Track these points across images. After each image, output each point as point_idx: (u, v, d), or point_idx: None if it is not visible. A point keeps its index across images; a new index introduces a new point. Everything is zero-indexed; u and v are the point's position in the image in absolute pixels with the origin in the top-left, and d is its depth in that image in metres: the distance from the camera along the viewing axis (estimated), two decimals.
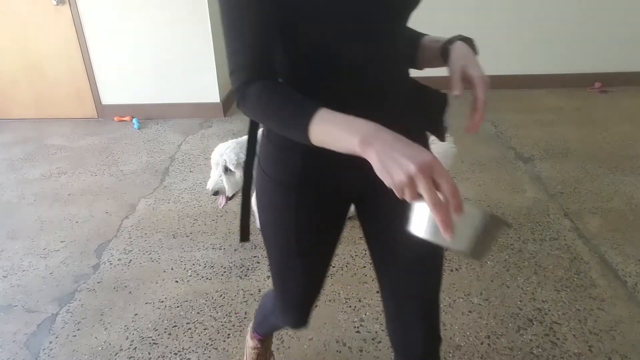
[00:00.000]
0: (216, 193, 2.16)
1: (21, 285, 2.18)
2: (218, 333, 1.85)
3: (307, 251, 1.06)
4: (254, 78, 0.82)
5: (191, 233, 2.52)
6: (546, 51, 4.55)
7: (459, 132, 3.94)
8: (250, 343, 1.59)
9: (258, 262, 2.26)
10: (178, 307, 2.00)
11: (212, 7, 3.94)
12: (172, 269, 2.24)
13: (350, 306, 1.96)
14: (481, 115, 0.90)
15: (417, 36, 1.05)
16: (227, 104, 4.37)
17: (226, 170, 2.12)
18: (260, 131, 1.06)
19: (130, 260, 2.32)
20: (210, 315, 1.94)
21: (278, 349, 1.77)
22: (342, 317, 1.91)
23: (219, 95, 4.16)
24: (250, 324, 1.60)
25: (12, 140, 3.89)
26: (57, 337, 1.87)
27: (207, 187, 2.17)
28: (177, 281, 2.16)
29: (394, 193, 0.67)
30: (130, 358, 1.76)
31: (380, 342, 1.78)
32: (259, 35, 0.80)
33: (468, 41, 0.96)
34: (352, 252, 2.30)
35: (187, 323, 1.91)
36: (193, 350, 1.78)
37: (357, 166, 0.77)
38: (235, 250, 2.36)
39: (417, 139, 0.69)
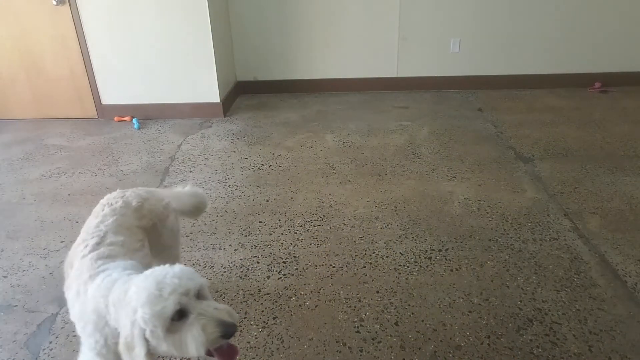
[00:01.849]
0: None
1: (21, 285, 2.18)
2: None
3: None
4: None
5: (191, 233, 2.51)
6: (546, 51, 4.55)
7: (458, 132, 3.95)
8: None
9: (258, 262, 2.26)
10: None
11: (212, 8, 3.94)
12: None
13: (350, 306, 1.96)
14: None
15: None
16: (227, 104, 4.37)
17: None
18: None
19: None
20: None
21: (278, 349, 1.77)
22: (342, 317, 1.91)
23: (219, 95, 4.16)
24: None
25: (12, 140, 3.89)
26: (57, 337, 1.87)
27: None
28: None
29: None
30: None
31: (380, 342, 1.78)
32: None
33: None
34: (352, 252, 2.30)
35: None
36: None
37: None
38: (235, 250, 2.36)
39: None
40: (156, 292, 1.09)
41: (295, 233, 2.48)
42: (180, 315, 1.11)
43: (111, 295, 1.19)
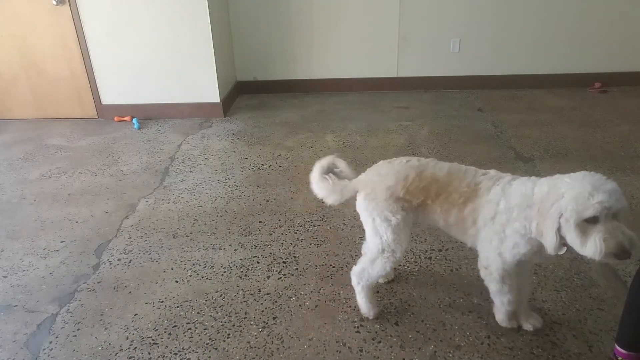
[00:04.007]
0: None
1: (21, 285, 2.18)
2: (218, 333, 1.85)
3: None
4: None
5: (191, 233, 2.52)
6: (546, 51, 4.55)
7: (458, 132, 3.94)
8: None
9: (258, 262, 2.26)
10: (178, 307, 2.00)
11: (212, 8, 3.94)
12: (172, 269, 2.24)
13: (350, 306, 1.96)
14: None
15: None
16: (227, 104, 4.37)
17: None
18: None
19: (130, 260, 2.32)
20: (210, 315, 1.94)
21: (278, 349, 1.77)
22: (342, 317, 1.91)
23: (219, 95, 4.16)
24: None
25: (12, 140, 3.89)
26: (57, 337, 1.87)
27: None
28: (177, 281, 2.16)
29: None
30: (130, 358, 1.76)
31: (380, 342, 1.78)
32: None
33: None
34: (352, 252, 2.30)
35: (187, 323, 1.91)
36: (193, 350, 1.78)
37: None
38: (235, 250, 2.36)
39: None
40: (586, 194, 1.31)
41: (295, 233, 2.48)
42: (593, 221, 1.31)
43: (539, 181, 1.48)
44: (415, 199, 1.65)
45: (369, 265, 1.77)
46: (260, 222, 2.60)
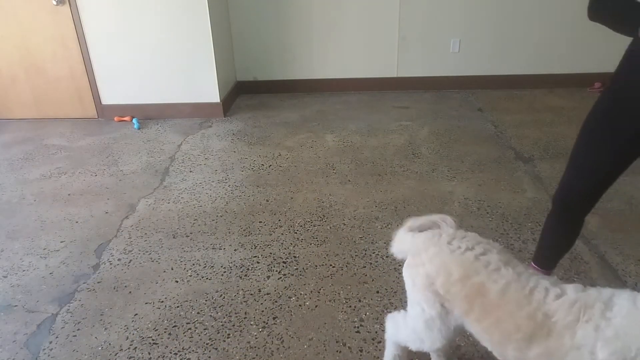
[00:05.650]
0: None
1: (21, 285, 2.18)
2: (218, 333, 1.85)
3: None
4: None
5: (191, 233, 2.52)
6: (546, 51, 4.55)
7: (458, 132, 3.94)
8: None
9: (258, 262, 2.26)
10: (178, 307, 2.00)
11: (212, 8, 3.94)
12: (172, 269, 2.24)
13: (350, 306, 1.96)
14: None
15: None
16: (227, 104, 4.37)
17: None
18: None
19: (130, 260, 2.32)
20: (210, 315, 1.95)
21: (278, 349, 1.77)
22: (342, 317, 1.91)
23: (219, 95, 4.16)
24: None
25: (12, 140, 3.89)
26: (57, 337, 1.87)
27: None
28: (177, 281, 2.16)
29: None
30: (130, 358, 1.76)
31: (380, 342, 1.78)
32: None
33: None
34: (352, 252, 2.30)
35: (187, 323, 1.91)
36: (193, 350, 1.78)
37: None
38: (235, 250, 2.36)
39: None
40: None
41: (295, 233, 2.48)
42: None
43: None
44: (457, 306, 1.23)
45: (402, 324, 1.43)
46: (260, 222, 2.60)
